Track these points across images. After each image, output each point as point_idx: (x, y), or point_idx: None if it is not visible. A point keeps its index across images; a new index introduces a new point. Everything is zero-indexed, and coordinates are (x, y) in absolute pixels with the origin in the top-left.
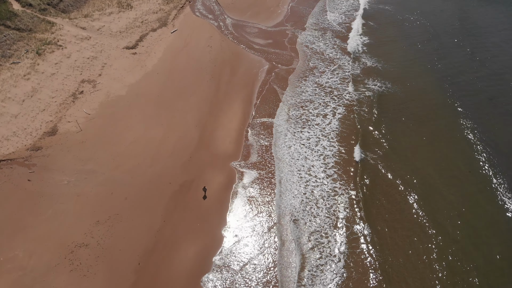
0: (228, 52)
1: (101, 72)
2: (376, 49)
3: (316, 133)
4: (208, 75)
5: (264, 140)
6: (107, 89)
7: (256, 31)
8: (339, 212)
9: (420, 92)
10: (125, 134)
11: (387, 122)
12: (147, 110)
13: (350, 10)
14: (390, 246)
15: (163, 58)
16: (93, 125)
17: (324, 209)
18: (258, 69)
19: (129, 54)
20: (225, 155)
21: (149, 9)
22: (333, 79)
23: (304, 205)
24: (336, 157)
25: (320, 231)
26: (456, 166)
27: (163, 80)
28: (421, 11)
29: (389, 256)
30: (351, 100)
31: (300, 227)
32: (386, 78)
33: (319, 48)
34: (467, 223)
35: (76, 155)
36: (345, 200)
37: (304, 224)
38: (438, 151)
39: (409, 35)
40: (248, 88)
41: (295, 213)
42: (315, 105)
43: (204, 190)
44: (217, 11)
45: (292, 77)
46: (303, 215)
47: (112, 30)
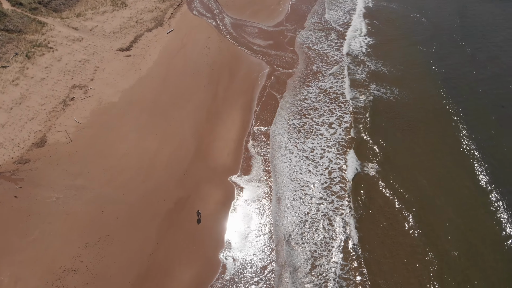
0: (227, 54)
1: (93, 77)
2: (380, 51)
3: (321, 143)
4: (205, 79)
5: (265, 151)
6: (99, 95)
7: (256, 31)
8: (338, 234)
9: (427, 98)
10: (117, 145)
11: (390, 131)
12: (141, 119)
13: (352, 7)
14: (388, 269)
15: (158, 61)
16: (83, 136)
17: (324, 231)
18: (258, 73)
19: (123, 56)
20: (223, 169)
21: (144, 7)
22: (337, 83)
23: (303, 227)
24: (343, 171)
25: (319, 256)
26: (457, 179)
27: (158, 85)
28: (426, 8)
29: (386, 278)
30: (355, 107)
31: (297, 251)
32: (391, 83)
33: (322, 50)
34: (466, 242)
35: (65, 168)
36: (346, 220)
37: (303, 248)
38: (442, 164)
39: (415, 35)
40: (247, 94)
41: (293, 236)
42: (319, 113)
43: (198, 214)
44: (216, 9)
45: (293, 82)
46: (302, 238)
47: (106, 31)
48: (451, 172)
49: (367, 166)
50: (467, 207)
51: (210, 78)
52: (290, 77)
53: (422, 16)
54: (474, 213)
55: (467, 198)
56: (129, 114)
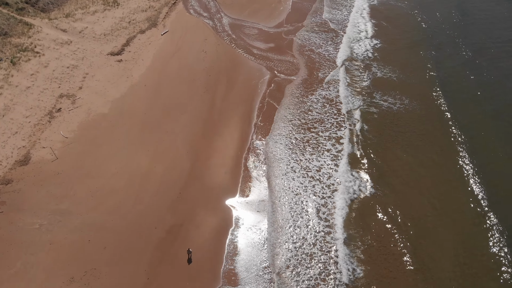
0: (225, 59)
1: (82, 85)
2: (387, 55)
3: (327, 161)
4: (201, 87)
5: (266, 170)
6: (88, 105)
7: (255, 32)
8: (334, 270)
9: (438, 109)
10: (106, 164)
11: (392, 150)
12: (132, 133)
13: (357, 6)
14: None
15: (151, 66)
16: (70, 152)
17: (321, 264)
18: (258, 80)
19: (114, 61)
20: (220, 190)
21: (137, 6)
22: (340, 92)
23: (300, 260)
24: (352, 193)
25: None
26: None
27: (151, 94)
28: (434, 7)
29: None
30: (359, 120)
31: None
32: (400, 91)
33: (326, 53)
34: (463, 271)
35: (50, 190)
36: (342, 253)
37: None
38: (443, 185)
39: (425, 36)
40: (246, 103)
41: (288, 272)
42: (326, 126)
43: (189, 253)
44: (213, 8)
45: (295, 90)
46: (297, 273)
47: (96, 33)
48: (450, 195)
49: (364, 188)
50: (464, 232)
51: (206, 85)
52: (293, 85)
53: (433, 16)
54: (474, 242)
55: (467, 224)
56: (120, 127)
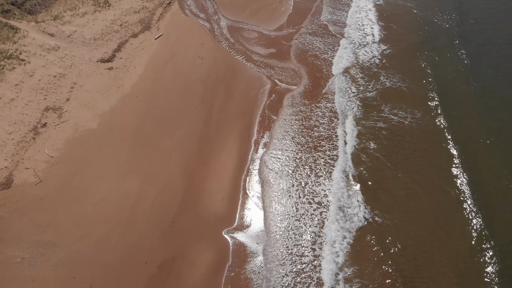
0: (222, 66)
1: (69, 96)
2: (398, 62)
3: (324, 185)
4: (197, 98)
5: (267, 195)
6: (76, 119)
7: (255, 36)
8: None
9: (458, 126)
10: (94, 187)
11: (402, 172)
12: (122, 152)
13: (362, 7)
14: None
15: (144, 75)
16: (55, 174)
17: None
18: (257, 90)
19: (104, 69)
20: (217, 218)
21: (130, 7)
22: (345, 105)
23: None
24: (351, 222)
25: None
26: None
27: (143, 107)
28: (452, 7)
29: None
30: (364, 138)
31: None
32: (412, 104)
33: (331, 60)
34: None
35: (33, 218)
36: None
37: None
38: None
39: (439, 40)
40: (245, 116)
41: None
42: (333, 143)
43: None
44: (211, 8)
45: (297, 102)
46: None
47: (85, 37)
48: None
49: (364, 217)
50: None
51: (203, 96)
52: (293, 95)
53: (447, 16)
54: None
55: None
56: (109, 145)
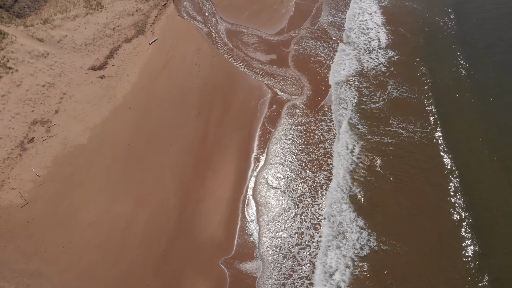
0: (220, 74)
1: (58, 107)
2: (406, 70)
3: (321, 209)
4: (194, 110)
5: (263, 220)
6: (65, 134)
7: (255, 40)
8: None
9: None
10: (83, 210)
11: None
12: (113, 170)
13: (367, 8)
14: None
15: (137, 84)
16: (42, 195)
17: None
18: (257, 100)
19: (95, 78)
20: (213, 245)
21: (123, 9)
22: (349, 117)
23: None
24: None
25: None
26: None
27: (136, 119)
28: (460, 9)
29: None
30: (370, 157)
31: None
32: (420, 117)
33: (335, 68)
34: None
35: (19, 245)
36: None
37: None
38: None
39: (454, 46)
40: (244, 130)
41: None
42: (329, 164)
43: None
44: (208, 10)
45: (298, 114)
46: None
47: (76, 42)
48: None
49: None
50: None
51: (199, 108)
52: (294, 106)
53: (458, 19)
54: None
55: None
56: (99, 162)
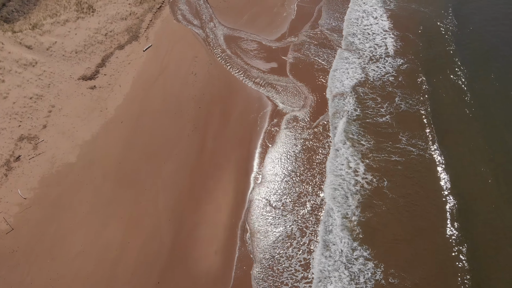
0: (218, 84)
1: (47, 122)
2: (415, 80)
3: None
4: (190, 123)
5: (267, 249)
6: (53, 151)
7: (254, 47)
8: None
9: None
10: (71, 237)
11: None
12: (103, 191)
13: (372, 12)
14: None
15: (130, 95)
16: (28, 220)
17: None
18: (257, 113)
19: (85, 88)
20: (209, 278)
21: (116, 13)
22: (352, 132)
23: None
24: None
25: None
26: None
27: (129, 135)
28: (469, 10)
29: None
30: (377, 177)
31: None
32: (438, 134)
33: (339, 77)
34: None
35: (3, 276)
36: None
37: None
38: None
39: (468, 54)
40: (243, 146)
41: None
42: (345, 188)
43: None
44: (205, 13)
45: (299, 129)
46: None
47: (66, 50)
48: None
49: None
50: None
51: (196, 121)
52: (296, 119)
53: (472, 23)
54: None
55: None
56: (89, 183)
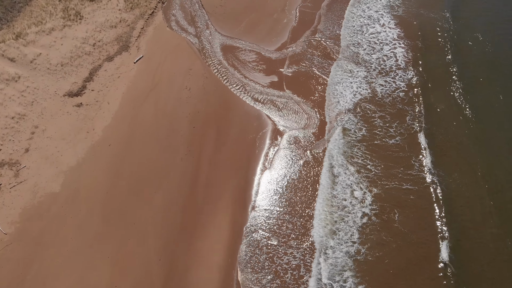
0: (214, 101)
1: (29, 145)
2: (428, 96)
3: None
4: (183, 146)
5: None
6: (35, 179)
7: (253, 58)
8: None
9: None
10: (53, 280)
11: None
12: (89, 225)
13: (378, 18)
14: None
15: (119, 113)
16: (9, 259)
17: None
18: (255, 134)
19: (71, 106)
20: None
21: (105, 20)
22: (356, 159)
23: None
24: None
25: None
26: None
27: (117, 160)
28: (482, 15)
29: None
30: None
31: None
32: (454, 159)
33: (343, 92)
34: None
35: None
36: None
37: None
38: None
39: (485, 66)
40: (241, 172)
41: None
42: (350, 221)
43: None
44: (201, 19)
45: (302, 151)
46: None
47: (51, 62)
48: None
49: None
50: None
51: (189, 144)
52: (298, 141)
53: (488, 32)
54: None
55: None
56: (73, 216)
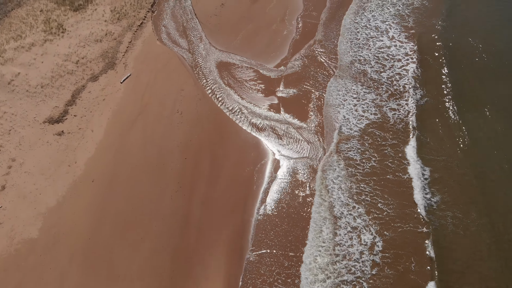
0: (208, 127)
1: (6, 181)
2: (442, 121)
3: None
4: (174, 182)
5: None
6: (12, 222)
7: (250, 76)
8: None
9: None
10: None
11: None
12: (69, 279)
13: (385, 28)
14: None
15: (104, 143)
16: None
17: None
18: (253, 166)
19: (52, 135)
20: None
21: (89, 33)
22: (371, 193)
23: None
24: None
25: None
26: None
27: (101, 199)
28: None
29: None
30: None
31: None
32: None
33: (348, 117)
34: None
35: None
36: None
37: None
38: None
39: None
40: (237, 214)
41: None
42: (359, 271)
43: None
44: (194, 32)
45: (304, 186)
46: None
47: (31, 83)
48: None
49: None
50: None
51: (180, 178)
52: (299, 175)
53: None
54: None
55: None
56: (52, 267)
